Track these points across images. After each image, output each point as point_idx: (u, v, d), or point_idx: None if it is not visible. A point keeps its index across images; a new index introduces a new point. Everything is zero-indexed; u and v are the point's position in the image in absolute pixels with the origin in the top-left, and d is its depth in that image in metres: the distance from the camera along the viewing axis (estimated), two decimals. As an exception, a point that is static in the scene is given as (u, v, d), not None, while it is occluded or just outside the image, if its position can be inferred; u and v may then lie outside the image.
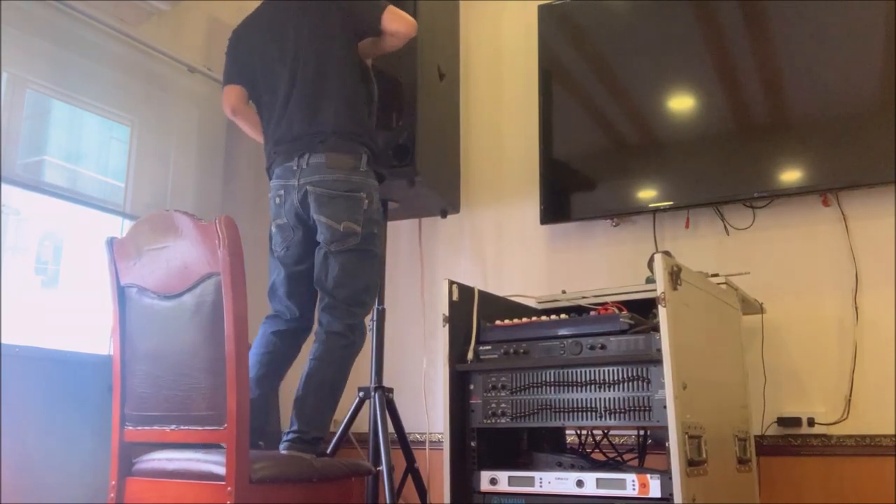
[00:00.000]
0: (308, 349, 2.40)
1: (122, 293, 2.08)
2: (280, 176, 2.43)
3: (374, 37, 2.53)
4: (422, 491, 2.77)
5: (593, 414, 1.95)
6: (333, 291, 2.35)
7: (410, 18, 2.54)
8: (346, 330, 2.35)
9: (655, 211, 3.01)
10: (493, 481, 2.06)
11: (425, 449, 3.22)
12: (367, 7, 2.51)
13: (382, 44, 2.56)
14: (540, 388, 2.03)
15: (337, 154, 2.38)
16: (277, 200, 2.44)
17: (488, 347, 2.15)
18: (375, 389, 2.70)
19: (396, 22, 2.50)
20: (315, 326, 2.48)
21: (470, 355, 2.15)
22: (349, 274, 2.35)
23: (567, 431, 2.48)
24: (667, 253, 1.99)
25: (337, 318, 2.34)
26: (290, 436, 2.24)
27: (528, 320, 2.17)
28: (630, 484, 1.87)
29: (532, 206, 3.24)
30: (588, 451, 2.39)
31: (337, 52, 2.48)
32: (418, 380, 3.34)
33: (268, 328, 2.45)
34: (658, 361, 1.85)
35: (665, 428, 1.80)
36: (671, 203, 2.95)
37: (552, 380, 2.02)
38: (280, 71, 2.50)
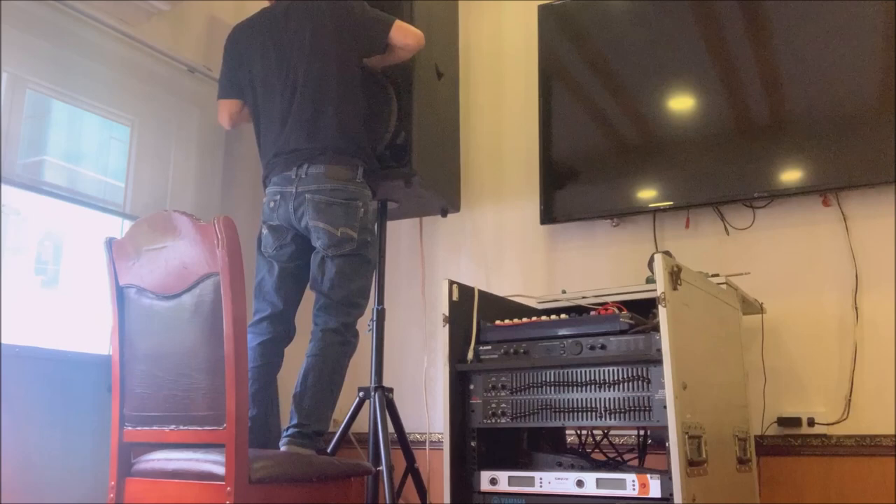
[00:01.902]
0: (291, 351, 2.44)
1: (120, 293, 2.08)
2: (277, 183, 2.52)
3: (377, 53, 2.60)
4: (422, 491, 2.77)
5: (593, 414, 1.95)
6: (329, 293, 2.43)
7: (418, 32, 2.62)
8: (342, 327, 2.44)
9: (655, 211, 3.01)
10: (493, 481, 2.06)
11: (425, 449, 3.22)
12: (373, 25, 2.58)
13: (391, 57, 2.65)
14: (540, 388, 2.03)
15: (335, 166, 2.47)
16: (272, 205, 2.52)
17: (488, 347, 2.15)
18: (375, 389, 2.70)
19: (405, 37, 2.59)
20: (296, 331, 2.59)
21: (470, 355, 2.15)
22: (345, 277, 2.44)
23: (567, 431, 2.48)
24: (667, 253, 1.99)
25: (333, 316, 2.43)
26: (290, 430, 2.30)
27: (528, 320, 2.17)
28: (630, 484, 1.87)
29: (532, 206, 3.24)
30: (588, 451, 2.38)
31: (339, 69, 2.54)
32: (418, 380, 3.34)
33: (251, 341, 2.50)
34: (658, 361, 1.84)
35: (665, 428, 1.80)
36: (671, 203, 2.95)
37: (552, 380, 2.02)
38: (280, 84, 2.57)
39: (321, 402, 2.36)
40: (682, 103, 2.99)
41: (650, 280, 2.28)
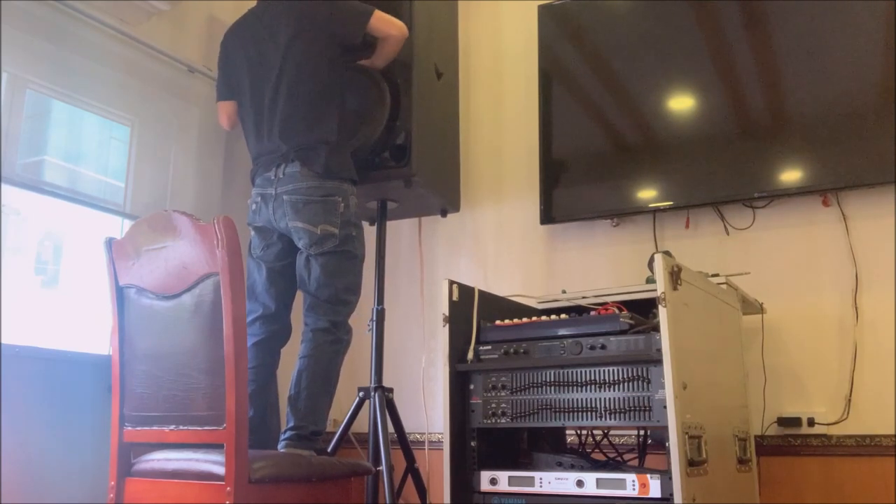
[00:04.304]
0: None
1: (120, 293, 2.08)
2: (259, 185, 2.54)
3: (354, 44, 2.59)
4: (422, 491, 2.77)
5: (593, 414, 1.95)
6: (316, 292, 2.44)
7: (400, 22, 2.61)
8: (332, 326, 2.43)
9: (655, 211, 3.01)
10: (493, 481, 2.06)
11: (425, 449, 3.22)
12: (349, 16, 2.56)
13: (381, 52, 2.65)
14: (540, 388, 2.03)
15: (310, 164, 2.45)
16: (254, 207, 2.55)
17: (488, 347, 2.15)
18: (375, 389, 2.70)
19: (387, 26, 2.58)
20: (295, 331, 2.58)
21: (470, 355, 2.15)
22: (330, 274, 2.44)
23: (567, 431, 2.48)
24: (667, 253, 1.99)
25: (321, 315, 2.43)
26: (288, 433, 2.29)
27: (528, 320, 2.17)
28: (630, 484, 1.87)
29: (532, 206, 3.24)
30: (588, 451, 2.38)
31: (314, 67, 2.54)
32: (418, 380, 3.34)
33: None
34: (658, 361, 1.84)
35: (665, 428, 1.80)
36: (671, 203, 2.95)
37: (552, 380, 2.02)
38: (258, 85, 2.58)
39: (316, 403, 2.36)
40: (682, 103, 2.99)
41: (650, 280, 2.28)
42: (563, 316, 2.14)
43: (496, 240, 3.39)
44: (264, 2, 2.67)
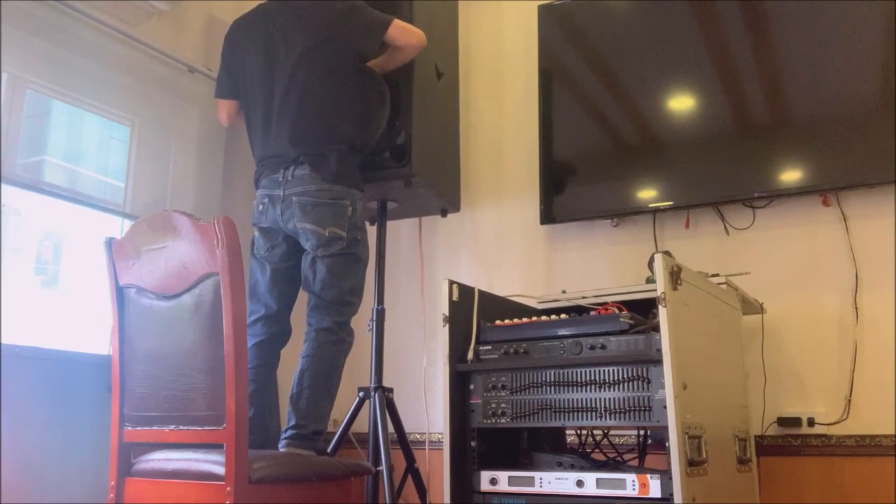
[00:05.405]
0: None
1: (120, 293, 2.08)
2: (266, 186, 2.54)
3: (374, 57, 2.61)
4: (422, 491, 2.77)
5: (593, 414, 1.95)
6: (321, 293, 2.44)
7: (419, 31, 2.63)
8: (335, 326, 2.44)
9: (655, 211, 3.01)
10: (493, 481, 2.06)
11: (425, 449, 3.22)
12: (367, 30, 2.56)
13: (394, 58, 2.67)
14: (540, 388, 2.03)
15: (320, 167, 2.46)
16: (261, 208, 2.55)
17: (488, 347, 2.15)
18: (375, 389, 2.70)
19: (406, 37, 2.60)
20: (296, 332, 2.58)
21: (470, 355, 2.15)
22: (336, 276, 2.44)
23: (567, 431, 2.48)
24: (667, 253, 1.99)
25: (325, 315, 2.44)
26: (289, 432, 2.30)
27: (528, 320, 2.17)
28: (630, 484, 1.87)
29: (532, 206, 3.24)
30: (588, 451, 2.38)
31: (326, 71, 2.54)
32: (418, 380, 3.34)
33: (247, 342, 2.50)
34: (658, 361, 1.84)
35: (665, 428, 1.80)
36: (671, 203, 2.95)
37: (552, 380, 2.02)
38: (267, 86, 2.58)
39: (318, 402, 2.37)
40: (682, 103, 2.99)
41: (650, 280, 2.28)
42: (563, 316, 2.14)
43: (496, 240, 3.39)
44: (277, 1, 2.65)
